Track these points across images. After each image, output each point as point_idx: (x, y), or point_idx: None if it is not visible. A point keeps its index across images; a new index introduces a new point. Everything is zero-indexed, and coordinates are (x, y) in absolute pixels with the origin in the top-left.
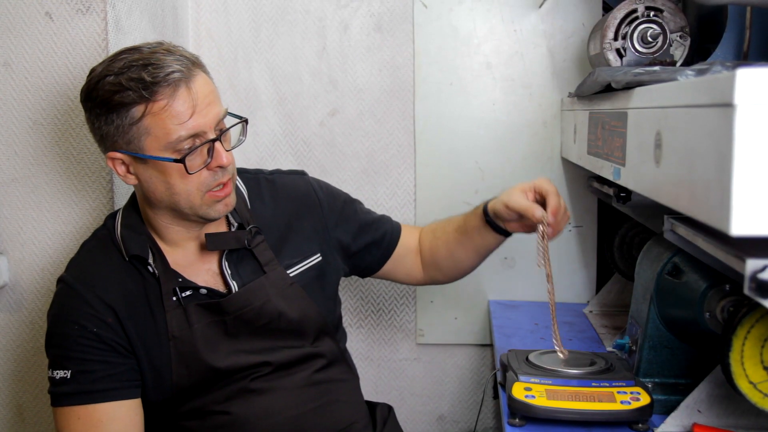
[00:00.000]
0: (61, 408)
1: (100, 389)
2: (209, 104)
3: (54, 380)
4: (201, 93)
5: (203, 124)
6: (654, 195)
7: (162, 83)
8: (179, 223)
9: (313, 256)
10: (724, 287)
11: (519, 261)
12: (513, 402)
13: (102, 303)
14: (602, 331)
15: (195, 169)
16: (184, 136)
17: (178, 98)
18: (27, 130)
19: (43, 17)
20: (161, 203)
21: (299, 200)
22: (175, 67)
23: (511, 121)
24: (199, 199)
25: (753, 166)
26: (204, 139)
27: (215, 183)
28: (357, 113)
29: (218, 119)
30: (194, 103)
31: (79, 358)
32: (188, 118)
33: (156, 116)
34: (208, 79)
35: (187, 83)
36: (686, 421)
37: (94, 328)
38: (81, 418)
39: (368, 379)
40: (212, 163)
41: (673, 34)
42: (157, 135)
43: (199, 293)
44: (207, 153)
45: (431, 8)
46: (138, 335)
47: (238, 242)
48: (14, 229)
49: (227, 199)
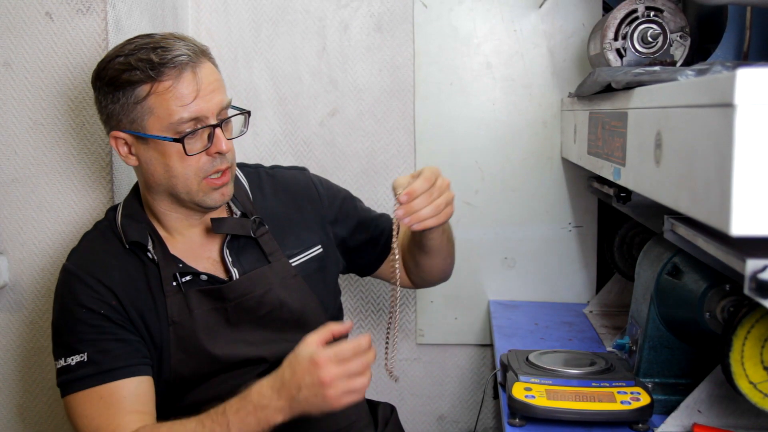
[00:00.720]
0: (80, 393)
1: (119, 366)
2: (213, 91)
3: (69, 368)
4: (206, 79)
5: (205, 108)
6: (654, 195)
7: (168, 64)
8: (178, 210)
9: (314, 247)
10: (724, 287)
11: (519, 261)
12: (513, 402)
13: (103, 287)
14: (602, 331)
15: (194, 152)
16: (186, 118)
17: (183, 80)
18: (27, 130)
19: (43, 17)
20: (160, 187)
21: (299, 193)
22: (183, 51)
23: (511, 121)
24: (196, 185)
25: (753, 166)
26: (205, 123)
27: (213, 169)
28: (357, 113)
29: (221, 107)
30: (198, 87)
31: (93, 339)
32: (191, 101)
33: (160, 96)
34: (215, 69)
35: (194, 68)
36: (686, 421)
37: (101, 310)
38: (103, 398)
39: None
40: (212, 148)
41: (673, 34)
42: (160, 115)
43: (200, 279)
44: (207, 138)
45: (431, 8)
46: (140, 319)
47: (243, 229)
48: (14, 229)
49: (224, 188)
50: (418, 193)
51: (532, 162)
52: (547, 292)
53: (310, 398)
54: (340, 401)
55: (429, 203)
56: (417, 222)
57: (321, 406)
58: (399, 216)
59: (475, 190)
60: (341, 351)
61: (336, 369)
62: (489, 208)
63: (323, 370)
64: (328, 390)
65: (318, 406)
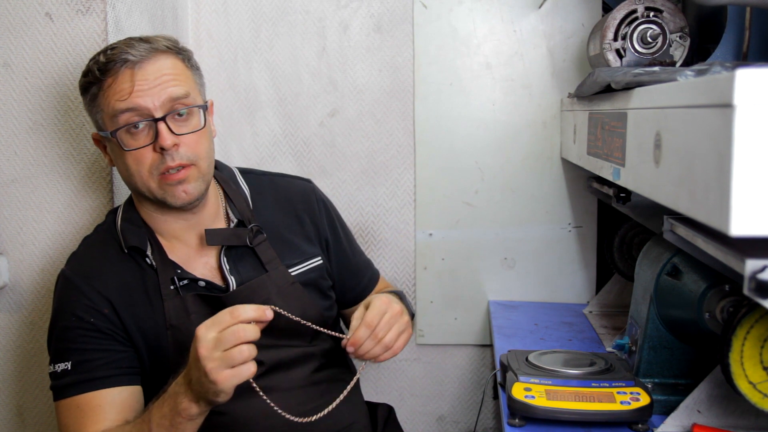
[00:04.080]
0: (63, 401)
1: (99, 376)
2: (159, 85)
3: (56, 374)
4: (152, 74)
5: (144, 102)
6: (653, 195)
7: (110, 64)
8: (160, 211)
9: (315, 258)
10: (724, 287)
11: (519, 261)
12: (513, 402)
13: (98, 294)
14: (602, 331)
15: (132, 146)
16: (121, 109)
17: (122, 76)
18: (27, 130)
19: (43, 17)
20: (130, 186)
21: (302, 204)
22: (130, 52)
23: (510, 122)
24: (155, 183)
25: (752, 166)
26: (146, 117)
27: (164, 166)
28: (357, 114)
29: (169, 100)
30: (135, 81)
31: (79, 348)
32: (128, 95)
33: (104, 93)
34: (178, 64)
35: (135, 65)
36: (686, 422)
37: (91, 319)
38: (80, 407)
39: (368, 380)
40: (156, 143)
41: (672, 34)
42: (107, 112)
43: (197, 285)
44: (154, 135)
45: (431, 9)
46: (136, 326)
47: (239, 239)
48: (14, 229)
49: (186, 185)
50: (362, 341)
51: (531, 162)
52: (546, 292)
53: (201, 378)
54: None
55: (375, 344)
56: (373, 360)
57: (208, 386)
58: (349, 351)
59: (475, 191)
60: (219, 317)
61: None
62: (489, 209)
63: (200, 343)
64: (207, 364)
65: (206, 386)
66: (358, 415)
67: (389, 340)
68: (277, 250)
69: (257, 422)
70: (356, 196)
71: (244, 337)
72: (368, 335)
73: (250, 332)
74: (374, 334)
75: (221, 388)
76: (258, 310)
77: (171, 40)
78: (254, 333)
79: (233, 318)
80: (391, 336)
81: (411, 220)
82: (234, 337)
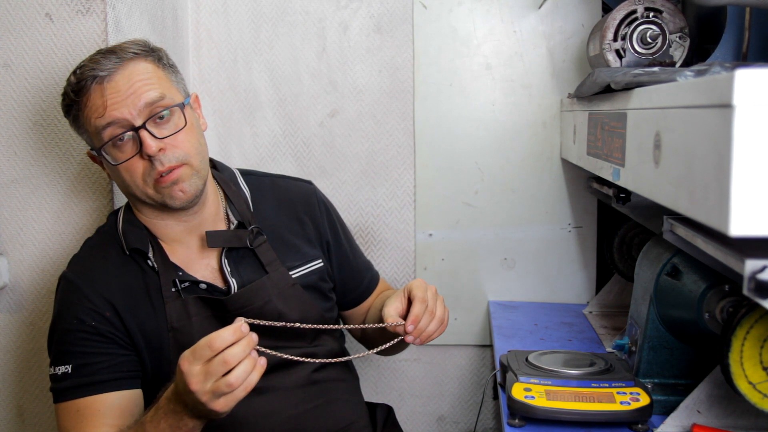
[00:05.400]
0: (63, 404)
1: (99, 380)
2: (133, 93)
3: (56, 377)
4: (123, 84)
5: (121, 113)
6: (653, 195)
7: (81, 83)
8: (160, 216)
9: (316, 260)
10: (724, 288)
11: (519, 262)
12: (513, 402)
13: (100, 297)
14: (602, 331)
15: (121, 159)
16: (101, 126)
17: (93, 93)
18: (27, 130)
19: (43, 18)
20: (128, 197)
21: (304, 206)
22: (97, 67)
23: (510, 122)
24: (151, 189)
25: (752, 166)
26: (127, 127)
27: (155, 172)
28: (357, 114)
29: (146, 106)
30: (105, 96)
31: (80, 352)
32: (104, 111)
33: (83, 113)
34: (146, 68)
35: (104, 80)
36: (686, 422)
37: (93, 322)
38: (80, 410)
39: (368, 380)
40: (142, 152)
41: (672, 34)
42: (89, 130)
43: (199, 287)
44: (139, 143)
45: (431, 9)
46: (138, 328)
47: (240, 241)
48: (14, 229)
49: (180, 185)
50: (421, 317)
51: (531, 163)
52: (546, 292)
53: (197, 405)
54: (222, 405)
55: (431, 320)
56: (426, 339)
57: (208, 411)
58: (409, 341)
59: (474, 191)
60: (198, 350)
61: (199, 376)
62: (489, 209)
63: (188, 378)
64: (202, 397)
65: (205, 411)
66: (358, 415)
67: (441, 313)
68: (277, 251)
69: (256, 422)
70: (356, 196)
71: (234, 363)
72: (424, 309)
73: (239, 354)
74: (429, 309)
75: (222, 412)
76: (235, 332)
77: (139, 43)
78: (243, 352)
79: (213, 351)
80: (441, 310)
81: (411, 221)
82: (223, 367)
